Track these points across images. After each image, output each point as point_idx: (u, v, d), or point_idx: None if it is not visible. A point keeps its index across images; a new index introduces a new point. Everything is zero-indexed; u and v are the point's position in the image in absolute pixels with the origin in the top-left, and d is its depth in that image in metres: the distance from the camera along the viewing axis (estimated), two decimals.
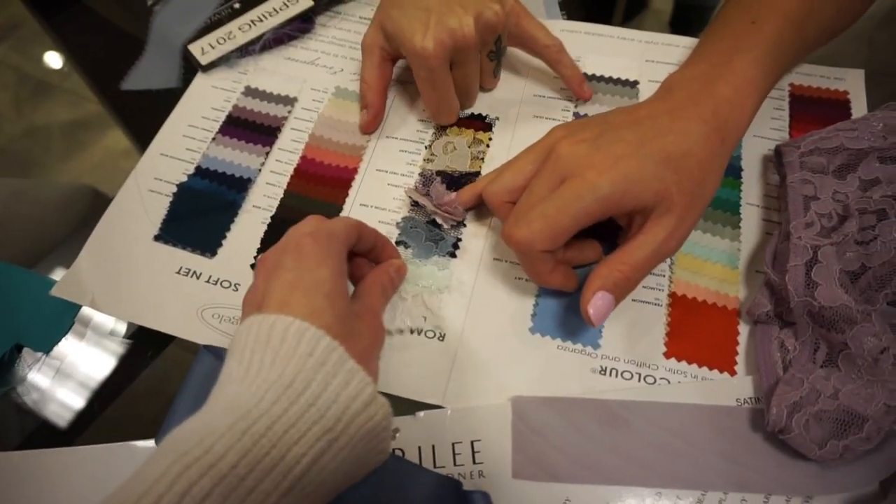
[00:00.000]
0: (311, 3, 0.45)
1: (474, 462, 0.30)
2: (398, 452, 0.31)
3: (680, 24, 1.08)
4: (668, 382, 0.32)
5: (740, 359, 0.33)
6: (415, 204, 0.37)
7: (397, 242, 0.36)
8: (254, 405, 0.22)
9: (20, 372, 0.35)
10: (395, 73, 0.42)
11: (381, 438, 0.25)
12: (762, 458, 0.30)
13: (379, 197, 0.38)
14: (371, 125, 0.40)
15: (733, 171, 0.39)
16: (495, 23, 0.36)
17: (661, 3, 1.58)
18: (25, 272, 0.37)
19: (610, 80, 0.42)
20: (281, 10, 0.44)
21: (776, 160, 0.38)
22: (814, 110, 0.41)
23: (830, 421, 0.29)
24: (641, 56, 0.43)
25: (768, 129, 0.41)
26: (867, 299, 0.32)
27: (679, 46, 0.44)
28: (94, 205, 0.70)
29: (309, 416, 0.22)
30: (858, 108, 0.41)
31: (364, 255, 0.32)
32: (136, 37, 0.47)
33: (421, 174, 0.38)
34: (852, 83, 0.42)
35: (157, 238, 0.37)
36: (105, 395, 0.34)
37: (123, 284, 0.35)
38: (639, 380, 0.32)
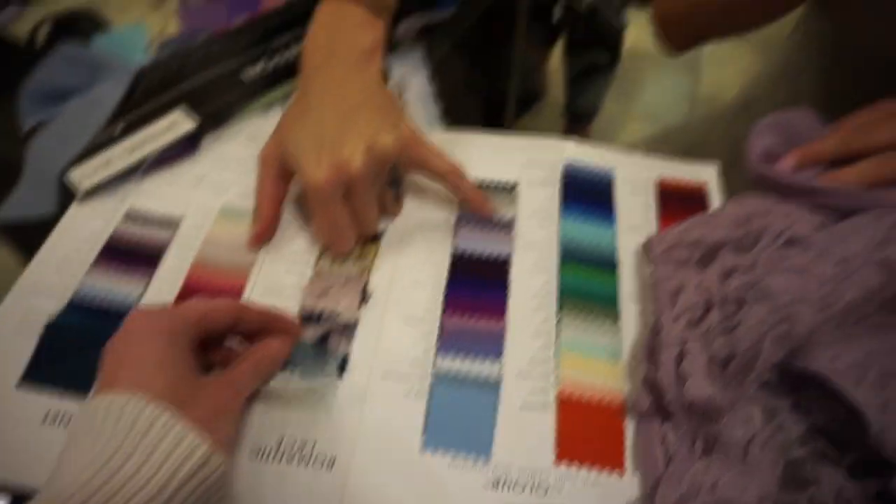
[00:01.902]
0: (195, 125, 0.45)
1: None
2: None
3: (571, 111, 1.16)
4: (559, 492, 0.32)
5: (629, 455, 0.33)
6: (303, 321, 0.37)
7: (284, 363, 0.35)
8: (66, 486, 0.22)
9: None
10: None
11: (218, 497, 0.26)
12: None
13: None
14: (260, 238, 0.40)
15: (609, 264, 0.41)
16: (387, 154, 0.37)
17: (557, 91, 1.70)
18: None
19: (490, 184, 0.44)
20: (164, 132, 0.45)
21: (647, 258, 0.40)
22: (678, 202, 0.44)
23: None
24: (519, 157, 0.46)
25: (639, 221, 0.43)
26: (738, 385, 0.34)
27: (553, 147, 0.47)
28: None
29: (130, 487, 0.22)
30: (715, 198, 0.45)
31: (255, 336, 0.32)
32: (16, 164, 0.46)
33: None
34: (708, 176, 0.46)
35: (21, 383, 0.34)
36: None
37: None
38: (531, 491, 0.32)
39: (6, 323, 0.36)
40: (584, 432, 0.34)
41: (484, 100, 0.58)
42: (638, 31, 0.50)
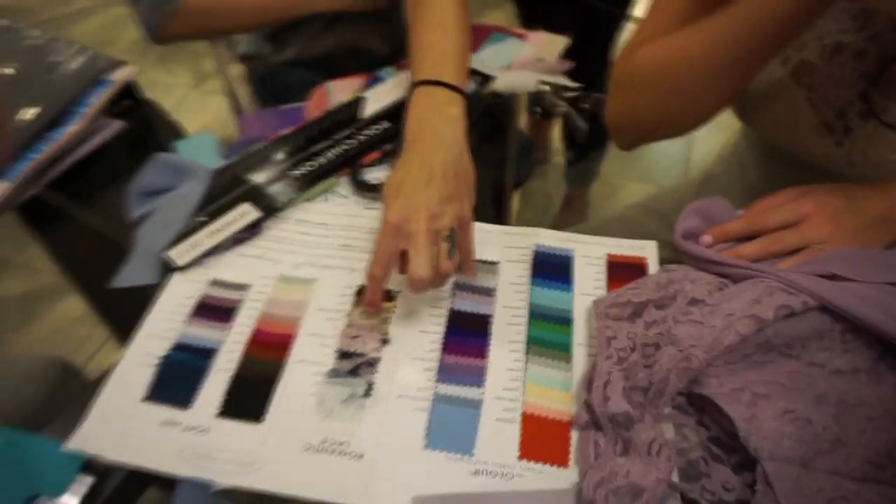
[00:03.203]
0: (260, 214, 0.61)
1: None
2: None
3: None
4: (521, 479, 0.45)
5: (572, 455, 0.46)
6: (340, 357, 0.51)
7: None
8: None
9: None
10: (317, 256, 0.58)
11: None
12: None
13: (312, 354, 0.52)
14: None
15: (566, 321, 0.55)
16: (443, 224, 0.50)
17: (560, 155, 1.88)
18: (30, 437, 0.48)
19: (479, 261, 0.59)
20: (236, 220, 0.60)
21: (594, 313, 0.54)
22: (622, 272, 0.58)
23: (622, 493, 0.42)
24: (501, 243, 0.60)
25: (592, 288, 0.57)
26: (654, 406, 0.47)
27: (528, 235, 0.61)
28: (64, 375, 0.81)
29: None
30: (653, 268, 0.59)
31: None
32: (119, 244, 0.61)
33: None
34: (649, 252, 0.60)
35: (146, 399, 0.49)
36: None
37: (122, 437, 0.46)
38: (501, 478, 0.45)
39: (133, 359, 0.51)
40: (540, 439, 0.47)
41: (490, 177, 0.72)
42: None
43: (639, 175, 2.01)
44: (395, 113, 0.70)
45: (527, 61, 0.79)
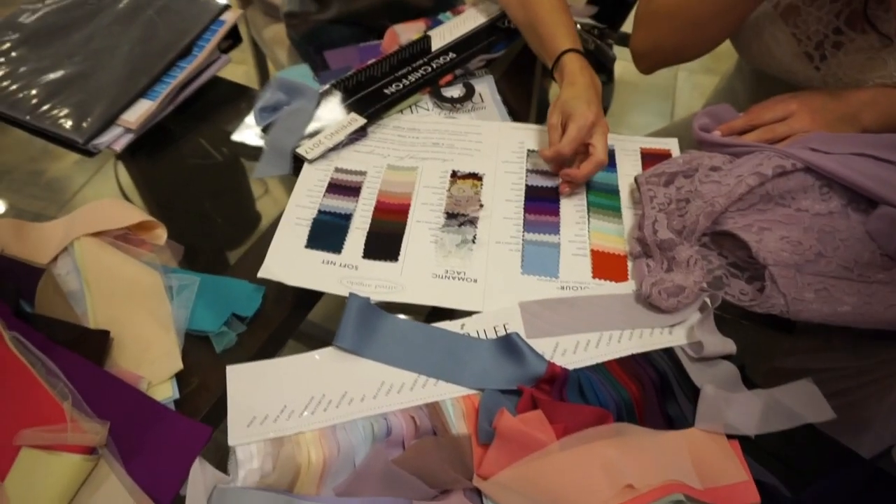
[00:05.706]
0: (365, 121, 0.76)
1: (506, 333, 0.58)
2: (467, 333, 0.58)
3: None
4: (593, 289, 0.62)
5: (630, 275, 0.63)
6: (448, 218, 0.67)
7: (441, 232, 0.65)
8: None
9: (236, 329, 0.60)
10: (415, 151, 0.74)
11: None
12: (642, 313, 0.60)
13: (426, 216, 0.68)
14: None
15: (615, 192, 0.71)
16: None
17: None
18: (219, 277, 0.63)
19: None
20: (347, 125, 0.75)
21: (636, 184, 0.71)
22: (653, 159, 0.75)
23: (670, 291, 0.59)
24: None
25: (631, 170, 0.74)
26: (688, 241, 0.64)
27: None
28: None
29: None
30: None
31: None
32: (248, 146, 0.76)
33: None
34: (672, 145, 0.77)
35: (306, 246, 0.64)
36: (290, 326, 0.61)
37: (295, 270, 0.62)
38: (580, 290, 0.62)
39: (288, 221, 0.67)
40: (605, 265, 0.64)
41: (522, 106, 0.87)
42: (626, 66, 0.79)
43: (628, 133, 2.20)
44: (459, 46, 0.85)
45: None
